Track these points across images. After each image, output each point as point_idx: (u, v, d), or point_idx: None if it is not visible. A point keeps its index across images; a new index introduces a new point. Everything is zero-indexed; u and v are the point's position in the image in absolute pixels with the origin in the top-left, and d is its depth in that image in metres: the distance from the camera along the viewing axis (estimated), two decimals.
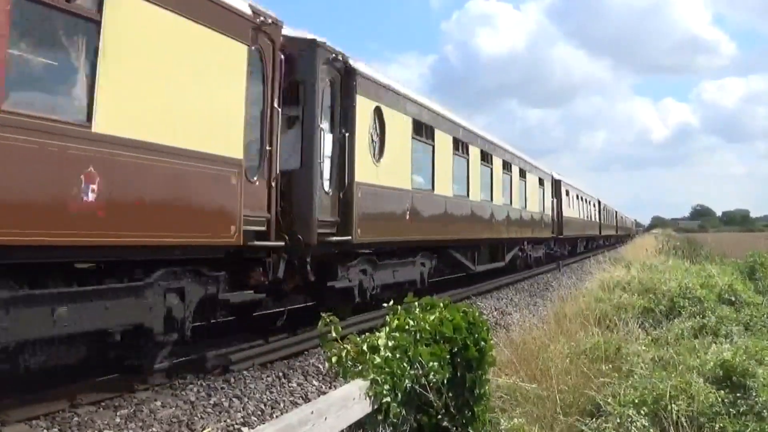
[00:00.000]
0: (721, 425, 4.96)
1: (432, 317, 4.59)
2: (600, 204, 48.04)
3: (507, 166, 21.48)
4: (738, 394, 5.44)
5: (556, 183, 30.73)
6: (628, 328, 8.27)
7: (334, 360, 4.04)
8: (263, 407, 7.13)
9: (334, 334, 4.13)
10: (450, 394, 4.39)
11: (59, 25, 5.79)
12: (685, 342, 7.79)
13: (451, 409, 4.42)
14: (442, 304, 4.88)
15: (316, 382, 8.24)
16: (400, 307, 4.71)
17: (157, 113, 6.62)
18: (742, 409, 5.24)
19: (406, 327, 4.36)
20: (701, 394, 5.25)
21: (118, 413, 6.44)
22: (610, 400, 5.41)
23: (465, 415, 4.57)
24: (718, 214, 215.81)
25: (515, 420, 5.13)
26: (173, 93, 6.85)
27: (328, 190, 9.93)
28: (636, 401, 5.24)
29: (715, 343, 7.43)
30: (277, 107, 8.65)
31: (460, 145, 16.38)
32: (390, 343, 4.08)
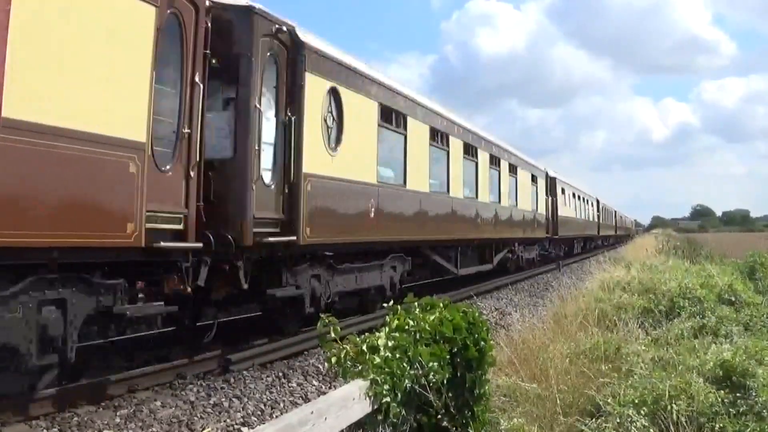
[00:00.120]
0: (720, 425, 4.96)
1: (432, 317, 4.60)
2: (598, 203, 47.34)
3: (495, 161, 20.01)
4: (738, 394, 5.44)
5: (551, 180, 29.46)
6: (627, 328, 8.28)
7: (334, 360, 4.05)
8: (263, 407, 7.13)
9: (333, 335, 4.13)
10: (450, 394, 4.39)
11: None
12: (685, 342, 7.79)
13: (451, 409, 4.42)
14: (442, 304, 4.88)
15: (316, 382, 8.25)
16: (400, 307, 4.71)
17: (19, 81, 5.26)
18: (741, 409, 5.23)
19: (406, 327, 4.37)
20: (701, 394, 5.24)
21: (118, 413, 6.45)
22: (609, 400, 5.41)
23: (465, 415, 4.58)
24: (718, 214, 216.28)
25: (515, 420, 5.14)
26: (45, 58, 5.54)
27: (269, 183, 8.60)
28: (636, 401, 5.24)
29: (715, 343, 7.43)
30: (199, 82, 7.34)
31: (439, 136, 14.91)
32: (390, 343, 4.08)
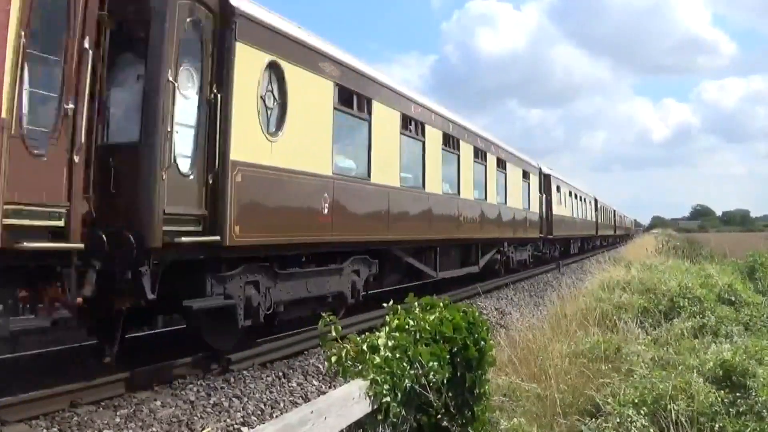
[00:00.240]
0: (720, 425, 4.97)
1: (432, 317, 4.60)
2: (597, 202, 46.44)
3: (480, 154, 18.27)
4: (738, 394, 5.45)
5: (545, 177, 27.62)
6: (627, 327, 8.28)
7: (334, 360, 4.05)
8: (263, 407, 7.13)
9: (333, 334, 4.13)
10: (450, 394, 4.40)
11: None
12: (685, 342, 7.80)
13: (451, 409, 4.43)
14: (441, 304, 4.89)
15: (316, 382, 8.25)
16: (400, 307, 4.71)
17: None
18: (741, 409, 5.25)
19: (406, 327, 4.37)
20: (701, 393, 5.26)
21: (118, 413, 6.45)
22: (609, 400, 5.42)
23: (465, 414, 4.58)
24: (718, 214, 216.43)
25: (515, 420, 5.14)
26: None
27: (186, 172, 7.27)
28: (636, 401, 5.25)
29: (714, 342, 7.44)
30: (89, 48, 6.21)
31: (413, 125, 13.30)
32: (390, 343, 4.09)
